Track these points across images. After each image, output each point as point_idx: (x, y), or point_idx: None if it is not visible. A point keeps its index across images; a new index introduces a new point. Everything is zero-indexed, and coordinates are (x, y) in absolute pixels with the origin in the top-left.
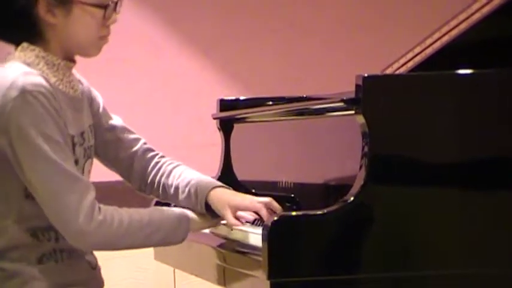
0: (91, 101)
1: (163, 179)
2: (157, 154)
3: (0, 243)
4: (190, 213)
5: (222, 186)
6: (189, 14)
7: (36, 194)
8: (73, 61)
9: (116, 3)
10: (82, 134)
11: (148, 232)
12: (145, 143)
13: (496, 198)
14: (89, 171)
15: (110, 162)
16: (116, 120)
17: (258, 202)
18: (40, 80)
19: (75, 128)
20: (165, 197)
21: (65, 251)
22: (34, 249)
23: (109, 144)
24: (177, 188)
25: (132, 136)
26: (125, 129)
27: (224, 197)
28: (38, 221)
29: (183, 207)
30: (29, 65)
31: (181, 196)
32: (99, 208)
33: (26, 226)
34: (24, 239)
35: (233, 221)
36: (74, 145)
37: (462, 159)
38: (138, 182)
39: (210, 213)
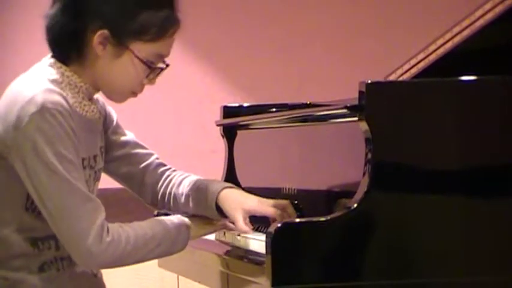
0: (105, 116)
1: (173, 189)
2: (169, 168)
3: (2, 251)
4: (189, 221)
5: (232, 187)
6: (192, 20)
7: (46, 212)
8: (97, 89)
9: (162, 70)
10: (95, 157)
11: (152, 247)
12: (157, 158)
13: (500, 205)
14: (95, 194)
15: (122, 178)
16: (129, 136)
17: (274, 206)
18: (59, 99)
19: (87, 151)
20: (177, 207)
21: (65, 259)
22: (35, 258)
23: (121, 159)
24: (187, 195)
25: (144, 151)
26: (137, 145)
27: (237, 199)
28: (37, 232)
29: (192, 215)
30: (52, 82)
31: (192, 202)
32: (108, 229)
33: (25, 236)
34: (24, 248)
35: (244, 227)
36: (83, 168)
37: (466, 166)
38: (149, 196)
39: (222, 216)
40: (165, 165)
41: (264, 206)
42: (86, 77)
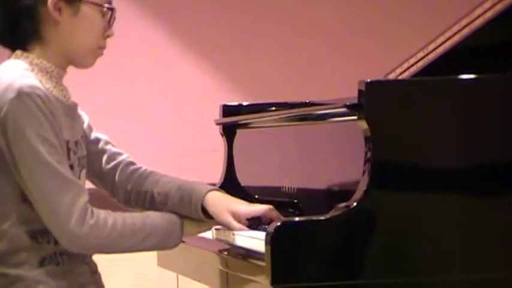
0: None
1: (149, 187)
2: (140, 167)
3: (1, 246)
4: (181, 218)
5: (218, 190)
6: (191, 18)
7: (31, 196)
8: (64, 69)
9: (114, 15)
10: (76, 142)
11: (142, 237)
12: (128, 157)
13: (501, 203)
14: (84, 183)
15: (95, 176)
16: (100, 135)
17: (260, 209)
18: (37, 83)
19: (70, 135)
20: (152, 205)
21: (64, 254)
22: (35, 253)
23: (93, 156)
24: (166, 194)
25: (115, 149)
26: (108, 143)
27: (224, 202)
28: (36, 224)
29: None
30: (24, 71)
31: (172, 201)
32: (92, 211)
33: (24, 229)
34: (24, 242)
35: (238, 226)
36: (68, 150)
37: (466, 165)
38: (122, 194)
39: (206, 217)
40: (135, 164)
41: (251, 207)
42: (53, 56)
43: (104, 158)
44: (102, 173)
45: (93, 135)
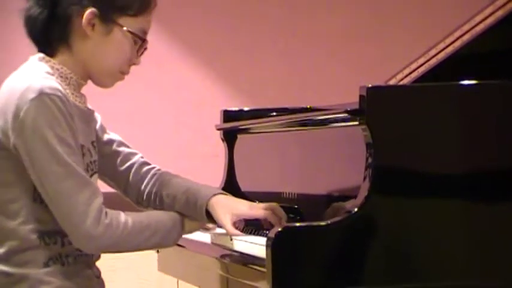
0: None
1: (159, 188)
2: (154, 167)
3: (9, 244)
4: (182, 215)
5: (223, 193)
6: (192, 24)
7: (46, 195)
8: (85, 80)
9: (146, 44)
10: (89, 149)
11: (148, 234)
12: (142, 157)
13: (502, 209)
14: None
15: (108, 177)
16: (113, 136)
17: (264, 209)
18: (57, 85)
19: (84, 140)
20: (162, 207)
21: (70, 256)
22: (41, 253)
23: (107, 157)
24: (174, 196)
25: (129, 150)
26: (122, 143)
27: (227, 204)
28: (45, 225)
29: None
30: (45, 73)
31: (179, 203)
32: (106, 212)
33: (33, 228)
34: (32, 241)
35: (232, 230)
36: (83, 154)
37: (467, 170)
38: (135, 195)
39: (210, 220)
40: (149, 164)
41: (254, 210)
42: (74, 65)
43: (118, 159)
44: (116, 174)
45: (106, 136)
